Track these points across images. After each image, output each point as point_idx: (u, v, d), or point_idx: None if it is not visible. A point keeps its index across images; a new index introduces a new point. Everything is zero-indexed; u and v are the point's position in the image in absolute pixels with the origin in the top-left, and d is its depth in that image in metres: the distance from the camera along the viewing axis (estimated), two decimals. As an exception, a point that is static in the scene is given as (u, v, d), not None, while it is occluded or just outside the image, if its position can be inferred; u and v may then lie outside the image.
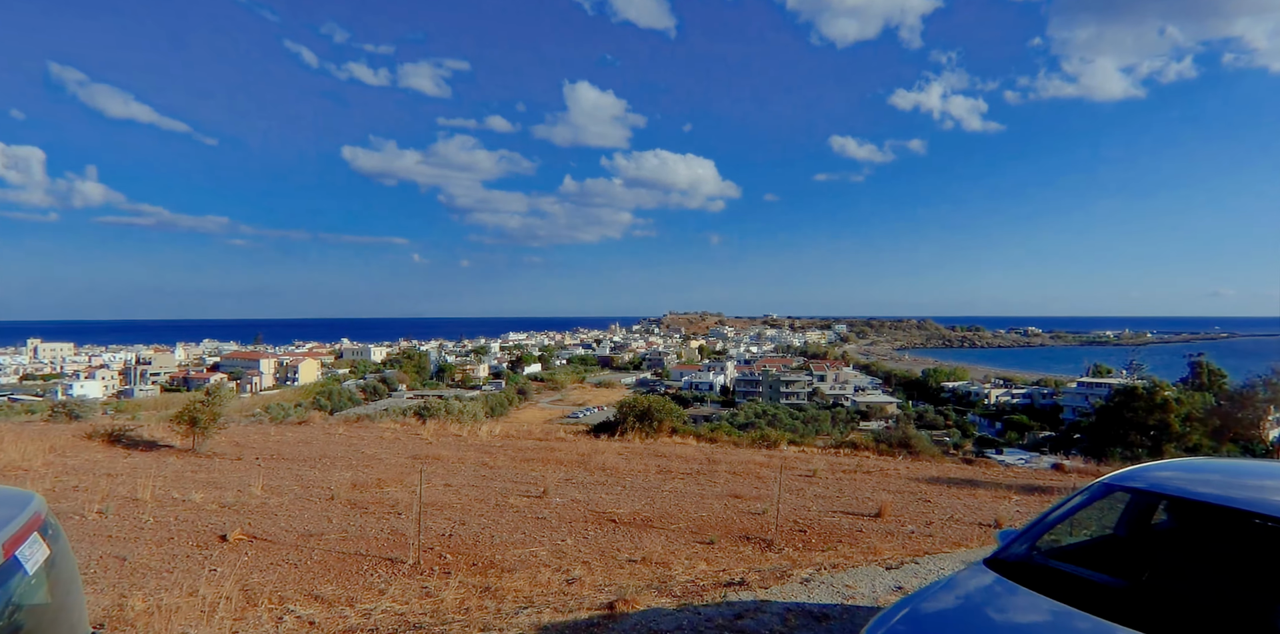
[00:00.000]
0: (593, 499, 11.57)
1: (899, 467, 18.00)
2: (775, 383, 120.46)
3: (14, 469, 12.03)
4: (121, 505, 9.85)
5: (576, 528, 9.61)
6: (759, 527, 10.22)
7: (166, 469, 13.13)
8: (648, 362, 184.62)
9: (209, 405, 15.62)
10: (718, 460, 16.77)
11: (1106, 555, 3.83)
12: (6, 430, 16.42)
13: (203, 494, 10.66)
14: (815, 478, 15.18)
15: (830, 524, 10.61)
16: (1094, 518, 4.07)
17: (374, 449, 16.88)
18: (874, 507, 12.01)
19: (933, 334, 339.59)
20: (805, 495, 13.03)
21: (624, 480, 13.62)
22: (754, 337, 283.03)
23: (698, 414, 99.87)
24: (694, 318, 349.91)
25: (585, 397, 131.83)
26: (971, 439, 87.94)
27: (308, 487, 11.88)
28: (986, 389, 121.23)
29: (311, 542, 8.46)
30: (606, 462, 15.54)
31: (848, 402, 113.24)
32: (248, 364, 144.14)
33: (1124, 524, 4.06)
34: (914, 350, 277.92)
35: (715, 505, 11.59)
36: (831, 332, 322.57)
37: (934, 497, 13.72)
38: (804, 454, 19.88)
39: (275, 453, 15.86)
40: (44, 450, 13.78)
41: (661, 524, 10.05)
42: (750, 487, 13.64)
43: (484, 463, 15.25)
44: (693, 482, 13.93)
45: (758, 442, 20.32)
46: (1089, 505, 3.85)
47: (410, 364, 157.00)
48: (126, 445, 15.76)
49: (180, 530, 8.70)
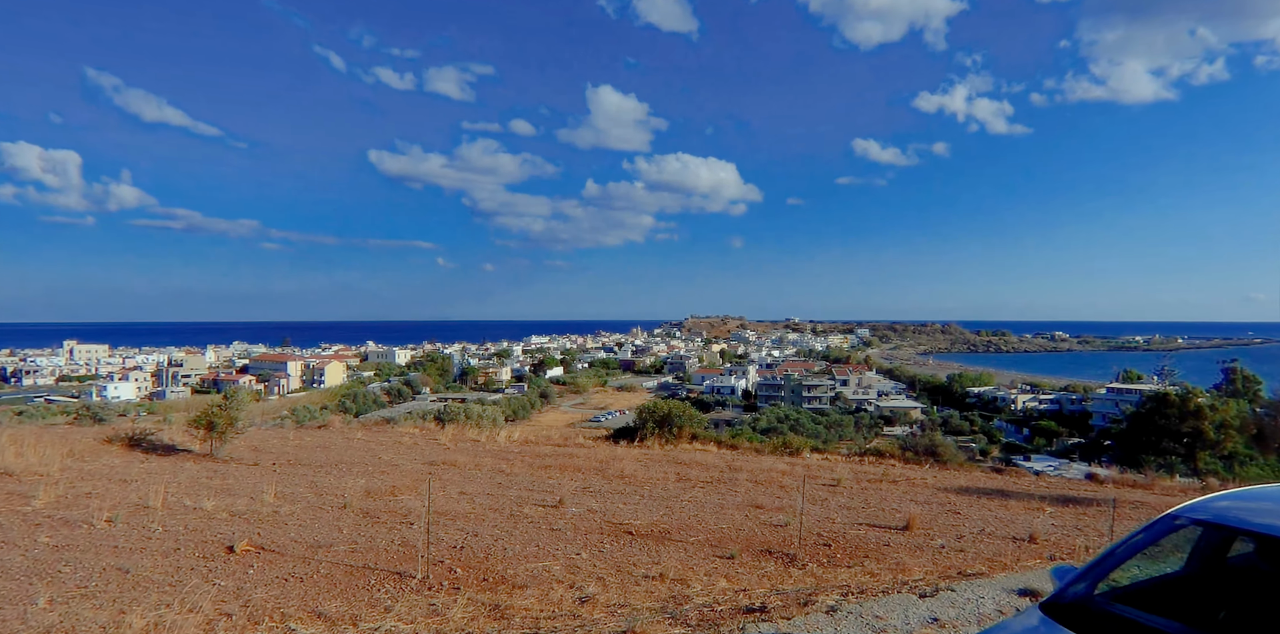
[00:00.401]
0: (610, 509, 11.29)
1: (926, 476, 17.53)
2: (797, 387, 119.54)
3: (30, 474, 11.97)
4: (131, 513, 9.71)
5: (592, 540, 9.33)
6: (781, 540, 9.88)
7: (182, 475, 13.03)
8: (669, 365, 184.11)
9: (226, 410, 15.54)
10: (739, 468, 16.43)
11: (1176, 597, 3.44)
12: (30, 434, 16.46)
13: (214, 502, 10.51)
14: (839, 487, 14.79)
15: (856, 537, 10.24)
16: (1161, 554, 3.69)
17: (391, 455, 16.72)
18: (901, 519, 11.62)
19: (957, 338, 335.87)
20: (829, 506, 12.67)
21: (642, 489, 13.32)
22: (776, 340, 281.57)
23: (719, 418, 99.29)
24: (716, 321, 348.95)
25: (607, 400, 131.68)
26: (998, 445, 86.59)
27: (321, 494, 11.71)
28: (1013, 395, 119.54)
29: (320, 553, 8.25)
30: (625, 469, 15.26)
31: (871, 407, 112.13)
32: (276, 366, 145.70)
33: (1195, 561, 3.67)
34: (938, 355, 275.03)
35: (736, 516, 11.27)
36: (854, 336, 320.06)
37: (963, 508, 13.29)
38: (827, 462, 19.46)
39: (293, 458, 15.75)
40: (63, 455, 13.75)
41: (680, 536, 9.74)
42: (772, 496, 13.30)
43: (500, 470, 15.02)
44: (713, 491, 13.61)
45: (780, 449, 19.93)
46: (1156, 541, 3.46)
47: (434, 367, 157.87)
48: (145, 450, 15.72)
49: (188, 540, 8.53)
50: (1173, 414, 39.53)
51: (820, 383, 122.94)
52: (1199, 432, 37.96)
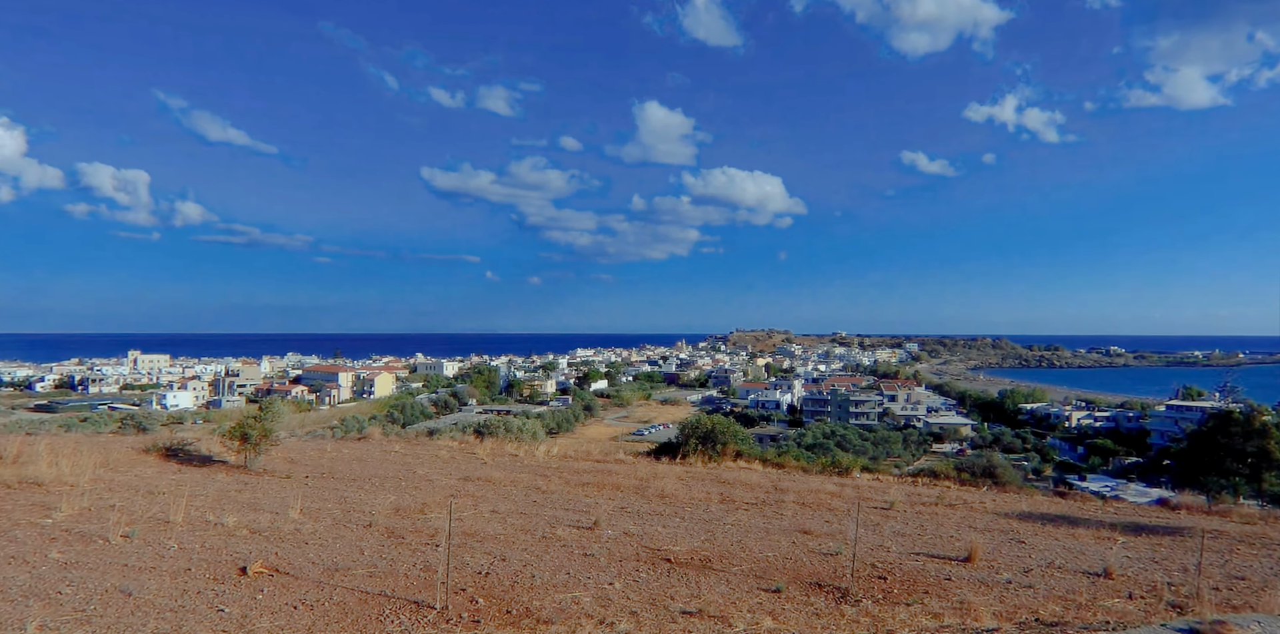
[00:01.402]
0: (647, 532, 10.62)
1: (984, 499, 16.47)
2: (844, 402, 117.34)
3: (60, 485, 11.80)
4: (150, 529, 9.37)
5: (627, 568, 8.67)
6: (832, 571, 9.10)
7: (211, 487, 12.75)
8: (714, 379, 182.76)
9: (260, 421, 15.31)
10: (785, 489, 15.61)
11: None
12: (70, 443, 16.46)
13: (237, 517, 10.13)
14: (892, 511, 13.88)
15: (914, 570, 9.40)
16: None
17: (426, 469, 16.30)
18: (962, 548, 10.71)
19: (1008, 353, 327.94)
20: (883, 532, 11.81)
21: (683, 510, 12.62)
22: (822, 355, 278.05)
23: (763, 433, 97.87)
24: (761, 335, 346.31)
25: (651, 414, 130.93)
26: (1052, 464, 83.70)
27: (348, 511, 11.28)
28: (1067, 411, 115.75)
29: (336, 577, 7.75)
30: (665, 488, 14.57)
31: (920, 423, 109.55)
32: (327, 377, 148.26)
33: None
34: (989, 370, 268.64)
35: (782, 543, 10.50)
36: (902, 350, 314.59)
37: (1028, 536, 12.29)
38: (879, 483, 18.50)
39: (327, 471, 15.43)
40: (96, 465, 13.60)
41: (722, 565, 9.03)
42: (821, 520, 12.48)
43: (536, 487, 14.47)
44: (758, 513, 12.84)
45: (828, 468, 19.02)
46: None
47: (480, 379, 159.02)
48: (181, 461, 15.57)
49: (201, 559, 8.12)
50: (1236, 433, 37.39)
51: (868, 398, 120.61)
52: (1265, 451, 35.78)
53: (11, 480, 11.74)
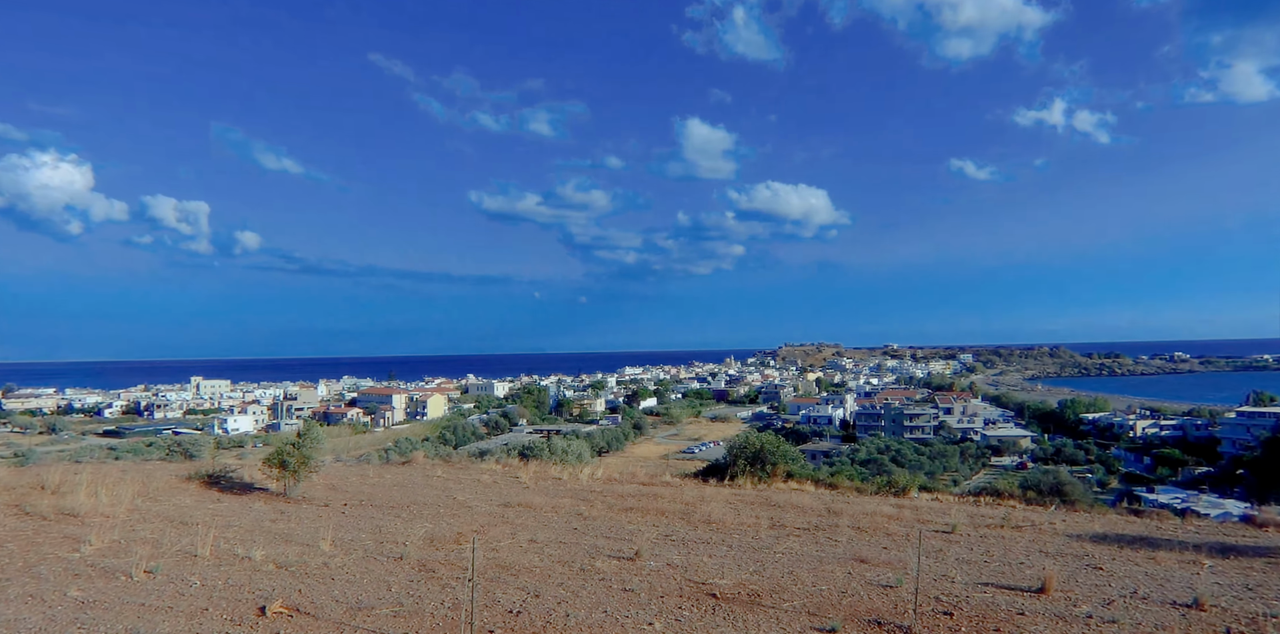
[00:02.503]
0: (692, 563, 9.97)
1: (1053, 520, 15.37)
2: (898, 416, 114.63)
3: (96, 516, 11.66)
4: (176, 563, 9.07)
5: (669, 605, 8.05)
6: (892, 606, 8.34)
7: (247, 517, 12.50)
8: (764, 395, 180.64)
9: (299, 448, 15.09)
10: (839, 512, 14.78)
11: None
12: (114, 471, 16.49)
13: (265, 550, 9.79)
14: (955, 535, 12.96)
15: (982, 604, 8.58)
16: None
17: (467, 495, 15.90)
18: (1034, 577, 9.82)
19: (1067, 362, 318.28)
20: (945, 559, 10.95)
21: (730, 537, 11.93)
22: (874, 368, 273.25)
23: (815, 449, 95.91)
24: (810, 350, 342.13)
25: (701, 431, 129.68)
26: (1117, 476, 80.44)
27: (381, 541, 10.88)
28: (1131, 421, 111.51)
29: (358, 618, 7.30)
30: (712, 513, 13.88)
31: (977, 436, 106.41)
32: (382, 399, 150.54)
33: None
34: (1047, 380, 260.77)
35: (837, 573, 9.75)
36: (956, 361, 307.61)
37: (1105, 561, 11.29)
38: (938, 504, 17.49)
39: (366, 498, 15.12)
40: (135, 494, 13.49)
41: (772, 601, 8.34)
42: (878, 547, 11.67)
43: (578, 513, 13.92)
44: (810, 539, 12.08)
45: (884, 488, 18.08)
46: None
47: (530, 399, 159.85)
48: (222, 488, 15.43)
49: (221, 598, 7.75)
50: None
51: (922, 412, 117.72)
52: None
53: (49, 512, 11.63)
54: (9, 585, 7.97)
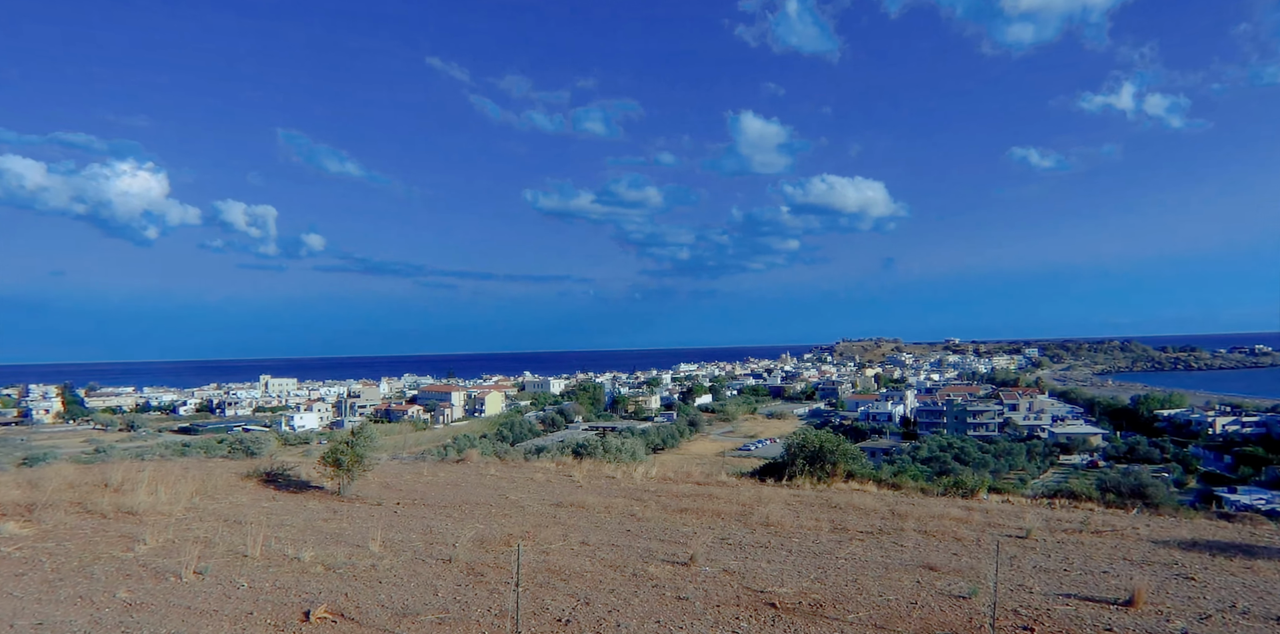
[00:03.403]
0: (749, 569, 9.51)
1: (1136, 524, 14.43)
2: (961, 413, 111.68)
3: (154, 514, 11.76)
4: (225, 564, 9.00)
5: (725, 615, 7.61)
6: (966, 619, 7.75)
7: (300, 516, 12.48)
8: (821, 391, 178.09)
9: (353, 447, 15.07)
10: (904, 514, 14.12)
11: None
12: (176, 469, 16.76)
13: (314, 551, 9.67)
14: (1030, 541, 12.21)
15: (1066, 617, 7.93)
16: None
17: (519, 494, 15.70)
18: (1120, 588, 9.10)
19: (1139, 356, 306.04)
20: (1021, 567, 10.26)
21: (790, 541, 11.43)
22: (935, 363, 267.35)
23: (875, 447, 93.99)
24: (868, 345, 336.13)
25: (757, 428, 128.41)
26: (1196, 475, 76.89)
27: (431, 543, 10.69)
28: (1210, 417, 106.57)
29: (402, 625, 7.05)
30: (771, 515, 13.37)
31: (1044, 433, 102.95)
32: (441, 397, 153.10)
33: None
34: (1118, 375, 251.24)
35: (904, 582, 9.17)
36: (1021, 356, 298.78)
37: (1197, 571, 10.45)
38: (1010, 506, 16.64)
39: (419, 497, 15.04)
40: (194, 493, 13.63)
41: (835, 611, 7.83)
42: (948, 553, 11.02)
43: (631, 513, 13.57)
44: (874, 544, 11.50)
45: (951, 489, 17.28)
46: None
47: (586, 396, 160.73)
48: (279, 487, 15.52)
49: (266, 601, 7.60)
50: None
51: (986, 408, 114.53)
52: None
53: (109, 510, 11.78)
54: (62, 585, 7.97)
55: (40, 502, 11.79)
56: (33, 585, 7.96)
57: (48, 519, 11.03)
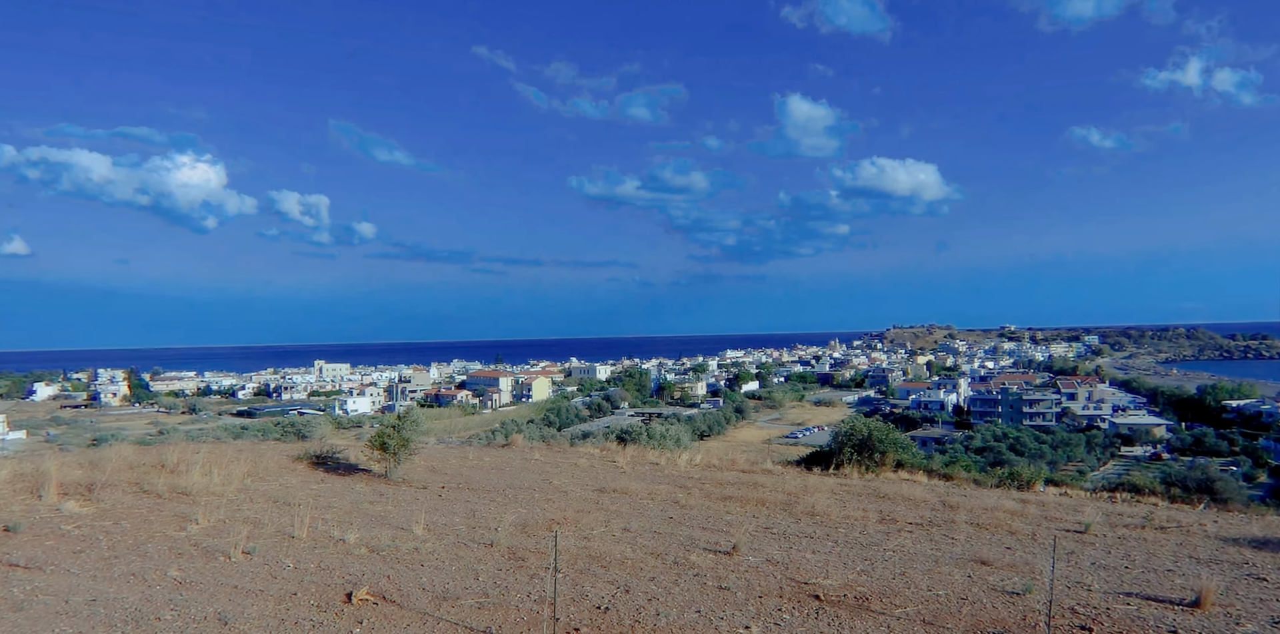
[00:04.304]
0: (793, 560, 9.32)
1: (1203, 521, 13.79)
2: (1016, 402, 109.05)
3: (207, 495, 12.03)
4: (273, 545, 9.15)
5: (767, 607, 7.45)
6: (1020, 616, 7.46)
7: (347, 498, 12.66)
8: (871, 379, 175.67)
9: (399, 431, 15.24)
10: (955, 506, 13.73)
11: None
12: (230, 451, 17.17)
13: (359, 533, 9.78)
14: (1089, 536, 11.75)
15: (1126, 617, 7.58)
16: None
17: (563, 479, 15.72)
18: (1186, 588, 8.67)
19: (1206, 344, 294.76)
20: (1079, 564, 9.86)
21: (835, 532, 11.19)
22: (989, 351, 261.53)
23: (926, 436, 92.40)
24: (920, 332, 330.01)
25: (804, 415, 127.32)
26: (1266, 470, 73.74)
27: (474, 527, 10.73)
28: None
29: (443, 608, 7.06)
30: (817, 504, 13.13)
31: (1104, 423, 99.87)
32: (489, 382, 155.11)
33: None
34: (1183, 364, 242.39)
35: (955, 576, 8.88)
36: (1081, 344, 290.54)
37: (1269, 571, 9.91)
38: (1068, 499, 16.09)
39: (464, 481, 15.16)
40: (245, 474, 13.92)
41: (882, 605, 7.61)
42: (1001, 547, 10.67)
43: (675, 500, 13.46)
44: (924, 536, 11.19)
45: (1006, 481, 16.79)
46: None
47: (632, 382, 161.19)
48: (328, 469, 15.79)
49: (311, 582, 7.69)
50: None
51: (1043, 397, 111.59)
52: None
53: (165, 490, 12.09)
54: (116, 563, 8.18)
55: (100, 481, 12.16)
56: (89, 562, 8.18)
57: (106, 498, 11.36)
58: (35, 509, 10.59)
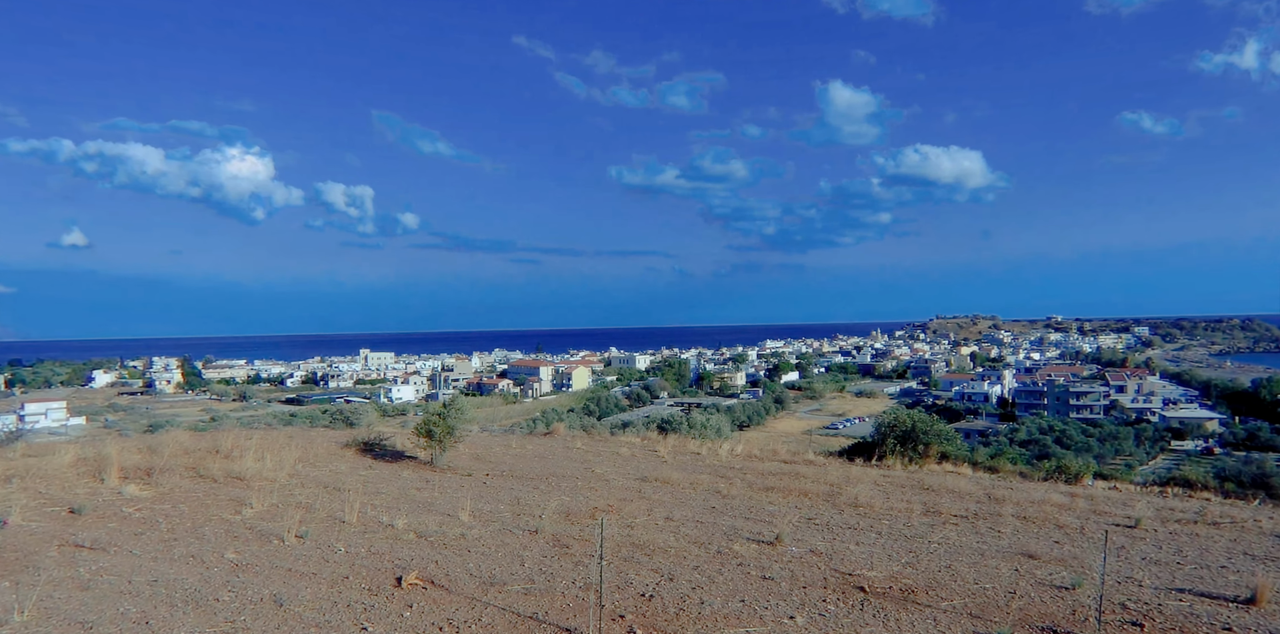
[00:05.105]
0: (837, 551, 9.28)
1: (1258, 517, 13.35)
2: (1063, 394, 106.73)
3: (260, 480, 12.37)
4: (324, 529, 9.38)
5: (811, 597, 7.44)
6: (1069, 611, 7.34)
7: (394, 485, 12.92)
8: (913, 370, 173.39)
9: (445, 419, 15.48)
10: (1001, 499, 13.52)
11: None
12: (281, 437, 17.62)
13: (407, 519, 9.98)
14: (1139, 531, 11.48)
15: (1179, 614, 7.40)
16: None
17: (605, 468, 15.83)
18: (1240, 585, 8.44)
19: (1262, 335, 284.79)
20: (1129, 559, 9.65)
21: (879, 523, 11.11)
22: (1035, 342, 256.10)
23: (970, 428, 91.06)
24: (964, 322, 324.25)
25: (845, 406, 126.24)
26: (1323, 464, 70.98)
27: (519, 514, 10.88)
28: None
29: (490, 593, 7.18)
30: (860, 495, 13.04)
31: (1154, 417, 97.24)
32: (530, 371, 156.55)
33: None
34: (1237, 356, 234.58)
35: (1002, 569, 8.77)
36: (1130, 335, 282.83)
37: (1329, 568, 9.60)
38: (1117, 493, 15.74)
39: (508, 469, 15.35)
40: (296, 460, 14.27)
41: (928, 598, 7.55)
42: (1048, 541, 10.49)
43: (717, 490, 13.48)
44: (969, 528, 11.05)
45: (1054, 474, 16.47)
46: None
47: (671, 372, 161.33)
48: (375, 456, 16.11)
49: (361, 566, 7.87)
50: None
51: (1091, 389, 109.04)
52: None
53: (220, 475, 12.46)
54: (176, 545, 8.46)
55: (158, 466, 12.57)
56: (150, 544, 8.48)
57: (164, 482, 11.75)
58: (98, 492, 11.00)
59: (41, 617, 6.16)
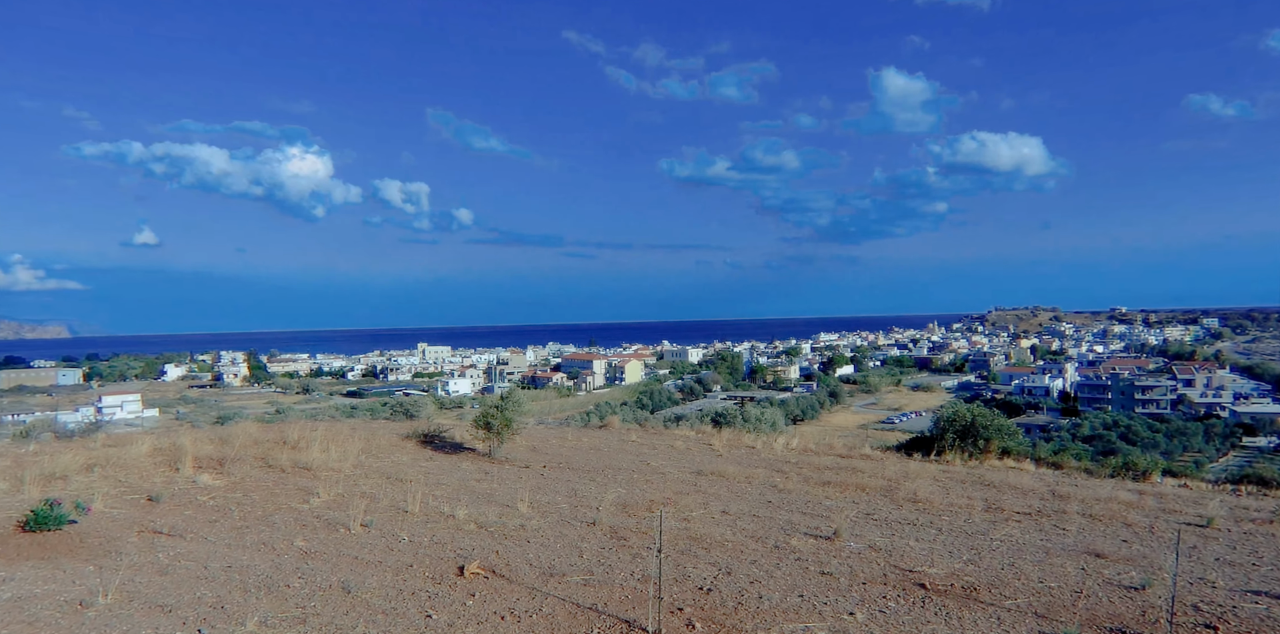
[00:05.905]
0: (897, 547, 9.16)
1: (1342, 516, 12.75)
2: (1128, 388, 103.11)
3: (326, 470, 12.75)
4: (388, 518, 9.63)
5: (871, 593, 7.37)
6: (1139, 612, 7.12)
7: (454, 476, 13.18)
8: (971, 363, 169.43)
9: (502, 411, 15.72)
10: (1066, 496, 13.15)
11: None
12: (344, 429, 18.11)
13: (468, 510, 10.18)
14: (1211, 530, 11.05)
15: (1255, 617, 7.11)
16: None
17: (660, 461, 15.89)
18: (1326, 588, 8.07)
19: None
20: (1202, 560, 9.30)
21: (939, 520, 10.92)
22: (1098, 334, 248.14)
23: (1030, 423, 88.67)
24: (1023, 314, 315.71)
25: (901, 400, 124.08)
26: None
27: (576, 506, 11.00)
28: None
29: (550, 584, 7.29)
30: (919, 491, 12.84)
31: (1224, 412, 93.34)
32: (583, 365, 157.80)
33: None
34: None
35: (1068, 568, 8.54)
36: (1199, 327, 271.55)
37: None
38: (1188, 491, 15.15)
39: (564, 461, 15.53)
40: (360, 451, 14.67)
41: (991, 596, 7.40)
42: (1116, 540, 10.17)
43: (773, 484, 13.41)
44: (1033, 526, 10.79)
45: (1121, 471, 15.95)
46: None
47: (724, 365, 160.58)
48: (435, 448, 16.46)
49: (425, 555, 8.07)
50: None
51: (1157, 383, 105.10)
52: None
53: (287, 465, 12.88)
54: (248, 532, 8.80)
55: (229, 456, 13.06)
56: (223, 532, 8.83)
57: (236, 472, 12.21)
58: (174, 481, 11.48)
59: (124, 600, 6.47)
